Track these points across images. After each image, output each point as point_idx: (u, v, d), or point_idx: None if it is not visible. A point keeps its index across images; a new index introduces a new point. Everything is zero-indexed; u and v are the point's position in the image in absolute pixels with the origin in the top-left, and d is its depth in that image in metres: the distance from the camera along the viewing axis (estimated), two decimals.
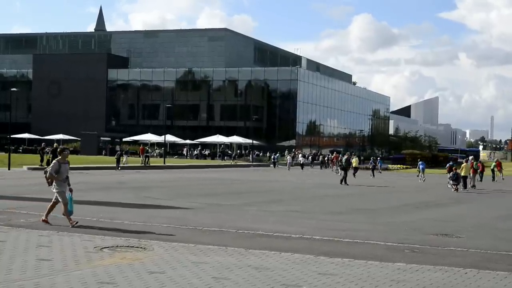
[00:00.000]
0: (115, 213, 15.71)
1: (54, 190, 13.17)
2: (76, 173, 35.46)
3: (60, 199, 13.06)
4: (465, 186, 30.32)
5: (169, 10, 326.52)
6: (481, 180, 37.94)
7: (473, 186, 32.26)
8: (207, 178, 35.15)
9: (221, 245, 10.69)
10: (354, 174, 39.86)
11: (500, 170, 43.37)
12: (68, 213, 12.93)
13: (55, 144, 44.26)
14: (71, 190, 13.13)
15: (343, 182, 32.21)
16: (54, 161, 13.54)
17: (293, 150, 76.56)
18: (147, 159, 49.41)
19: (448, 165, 35.59)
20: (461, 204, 22.88)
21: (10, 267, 8.34)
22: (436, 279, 8.33)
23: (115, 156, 44.34)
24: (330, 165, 56.33)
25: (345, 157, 37.23)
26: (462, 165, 31.21)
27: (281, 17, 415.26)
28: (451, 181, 30.13)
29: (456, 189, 29.02)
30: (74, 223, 12.80)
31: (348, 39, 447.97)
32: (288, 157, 57.39)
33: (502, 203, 24.13)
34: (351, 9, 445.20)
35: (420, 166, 40.23)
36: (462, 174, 30.29)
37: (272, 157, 64.18)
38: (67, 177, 13.27)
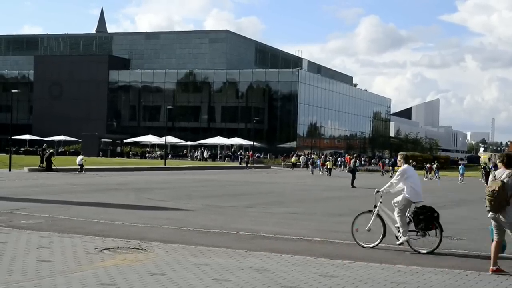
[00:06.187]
0: (116, 214, 15.73)
1: (502, 220, 8.83)
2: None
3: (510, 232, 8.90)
4: (329, 174, 45.86)
5: (178, 12, 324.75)
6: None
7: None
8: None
9: (222, 247, 10.69)
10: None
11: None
12: (501, 250, 9.06)
13: (47, 148, 42.18)
14: None
15: (353, 185, 32.46)
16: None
17: (320, 153, 77.33)
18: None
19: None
20: (462, 206, 22.88)
21: (11, 268, 8.34)
22: (436, 281, 8.33)
23: (245, 159, 58.80)
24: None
25: (353, 160, 40.25)
26: (327, 162, 48.69)
27: (290, 19, 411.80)
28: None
29: (312, 172, 47.36)
30: None
31: (355, 41, 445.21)
32: (318, 160, 58.91)
33: None
34: (361, 11, 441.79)
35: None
36: (329, 167, 47.04)
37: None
38: None
